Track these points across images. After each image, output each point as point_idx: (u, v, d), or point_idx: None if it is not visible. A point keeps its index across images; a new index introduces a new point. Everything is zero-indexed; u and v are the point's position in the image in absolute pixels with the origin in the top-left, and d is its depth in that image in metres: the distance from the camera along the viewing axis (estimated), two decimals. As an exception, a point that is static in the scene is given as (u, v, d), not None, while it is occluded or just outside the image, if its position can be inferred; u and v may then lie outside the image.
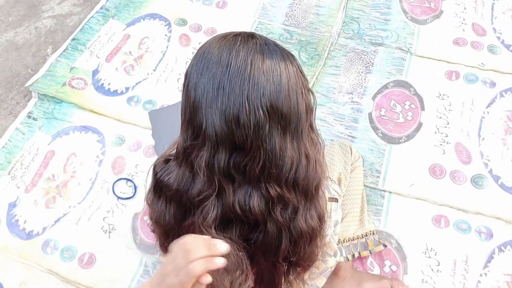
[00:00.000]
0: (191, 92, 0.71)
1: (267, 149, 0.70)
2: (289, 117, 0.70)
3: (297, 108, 0.71)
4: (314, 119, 0.77)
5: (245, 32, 0.73)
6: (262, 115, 0.67)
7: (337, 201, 1.06)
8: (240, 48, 0.69)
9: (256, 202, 0.73)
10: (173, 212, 0.77)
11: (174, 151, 0.80)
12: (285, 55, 0.72)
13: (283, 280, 0.88)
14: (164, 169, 0.79)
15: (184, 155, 0.75)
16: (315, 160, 0.77)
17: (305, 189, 0.76)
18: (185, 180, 0.76)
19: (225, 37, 0.72)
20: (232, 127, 0.68)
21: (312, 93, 0.76)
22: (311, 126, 0.77)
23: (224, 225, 0.76)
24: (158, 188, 0.80)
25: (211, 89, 0.68)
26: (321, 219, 0.82)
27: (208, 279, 0.62)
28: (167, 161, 0.80)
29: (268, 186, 0.73)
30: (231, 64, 0.68)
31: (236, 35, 0.72)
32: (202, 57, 0.71)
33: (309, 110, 0.75)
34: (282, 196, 0.74)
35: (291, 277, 0.88)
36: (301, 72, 0.74)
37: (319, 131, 1.00)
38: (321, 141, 0.80)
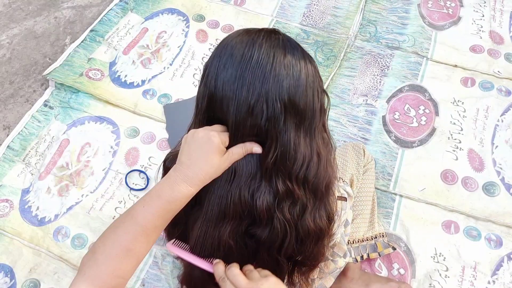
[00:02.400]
0: (211, 82, 0.72)
1: (281, 142, 0.71)
2: (305, 113, 0.72)
3: (313, 105, 0.72)
4: (327, 120, 0.78)
5: (268, 28, 0.74)
6: (279, 107, 0.69)
7: (346, 200, 1.06)
8: (263, 42, 0.70)
9: (264, 196, 0.74)
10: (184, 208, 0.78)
11: None
12: (305, 54, 0.73)
13: (286, 279, 0.88)
14: (174, 162, 0.80)
15: None
16: (326, 160, 0.77)
17: (315, 187, 0.77)
18: None
19: (248, 31, 0.74)
20: (250, 117, 0.70)
21: (327, 95, 0.77)
22: (324, 126, 0.78)
23: (229, 219, 0.76)
24: None
25: (232, 80, 0.69)
26: (330, 218, 0.82)
27: None
28: (177, 155, 0.81)
29: (278, 180, 0.74)
30: (253, 56, 0.69)
31: (260, 30, 0.73)
32: (225, 49, 0.72)
33: (323, 110, 0.76)
34: (292, 192, 0.75)
35: (295, 277, 0.89)
36: (318, 73, 0.75)
37: (332, 132, 1.01)
38: (332, 143, 0.81)
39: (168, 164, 0.82)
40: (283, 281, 0.86)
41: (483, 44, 1.83)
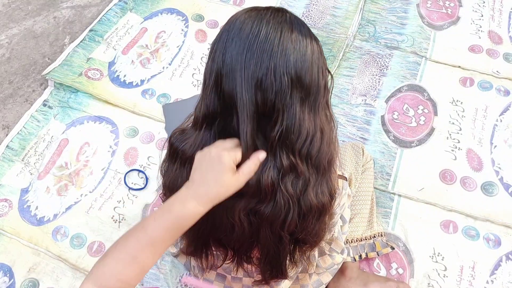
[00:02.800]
0: (219, 56, 0.73)
1: (287, 116, 0.72)
2: (310, 88, 0.73)
3: (317, 81, 0.74)
4: (330, 98, 0.80)
5: (275, 7, 0.76)
6: (286, 81, 0.70)
7: (346, 179, 1.07)
8: (270, 18, 0.72)
9: (269, 171, 0.75)
10: (187, 176, 0.79)
11: (190, 124, 0.82)
12: (311, 32, 0.75)
13: (288, 259, 0.89)
14: (180, 138, 0.81)
15: (204, 122, 0.77)
16: (329, 136, 0.79)
17: (318, 162, 0.78)
18: (202, 144, 0.78)
19: (255, 8, 0.75)
20: (257, 91, 0.71)
21: (330, 73, 0.79)
22: (327, 104, 0.79)
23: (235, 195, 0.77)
24: (174, 154, 0.82)
25: (240, 54, 0.71)
26: (331, 195, 0.83)
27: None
28: (183, 131, 0.82)
29: (282, 155, 0.75)
30: (261, 31, 0.71)
31: (267, 8, 0.75)
32: (233, 24, 0.74)
33: (327, 88, 0.78)
34: (295, 166, 0.76)
35: (297, 256, 0.90)
36: (323, 53, 0.77)
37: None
38: (334, 121, 0.82)
39: (174, 139, 0.83)
40: (284, 258, 0.88)
41: (482, 44, 1.83)
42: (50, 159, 1.55)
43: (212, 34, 1.89)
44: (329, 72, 0.78)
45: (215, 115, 0.76)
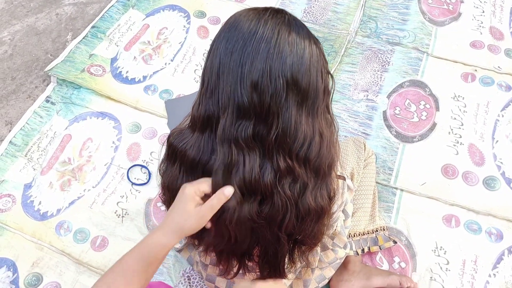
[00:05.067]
0: (216, 57, 0.73)
1: (283, 118, 0.72)
2: (307, 92, 0.73)
3: (316, 85, 0.73)
4: (331, 102, 0.79)
5: (275, 7, 0.76)
6: (281, 84, 0.70)
7: (345, 179, 1.07)
8: (268, 19, 0.72)
9: (267, 172, 0.75)
10: (185, 176, 0.79)
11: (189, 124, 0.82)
12: (311, 34, 0.75)
13: (287, 258, 0.89)
14: (178, 138, 0.81)
15: (201, 122, 0.77)
16: (329, 140, 0.79)
17: (317, 166, 0.78)
18: (201, 146, 0.78)
19: (255, 9, 0.75)
20: (252, 92, 0.70)
21: (332, 77, 0.78)
22: (327, 108, 0.79)
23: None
24: (173, 154, 0.82)
25: (236, 54, 0.71)
26: (331, 198, 0.83)
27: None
28: (181, 131, 0.82)
29: (279, 157, 0.75)
30: (258, 31, 0.70)
31: (266, 8, 0.75)
32: (230, 25, 0.74)
33: (327, 91, 0.77)
34: (292, 169, 0.76)
35: (296, 256, 0.90)
36: (323, 55, 0.76)
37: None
38: (336, 124, 0.82)
39: (172, 139, 0.83)
40: (283, 258, 0.88)
41: (483, 40, 1.83)
42: (53, 155, 1.55)
43: (214, 31, 1.89)
44: (330, 74, 0.77)
45: (212, 118, 0.76)
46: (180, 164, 0.82)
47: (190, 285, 1.30)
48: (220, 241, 0.83)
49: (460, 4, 1.96)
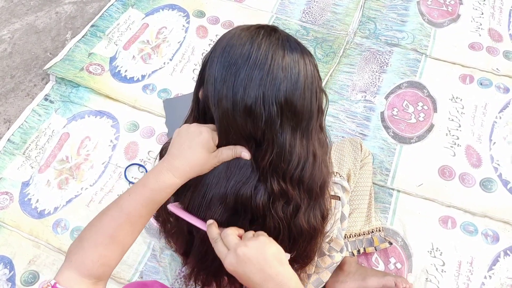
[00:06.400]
0: (208, 78, 0.72)
1: (277, 144, 0.71)
2: (301, 115, 0.71)
3: (310, 107, 0.72)
4: (324, 120, 0.78)
5: (268, 26, 0.73)
6: (275, 110, 0.68)
7: (339, 199, 1.06)
8: (262, 42, 0.69)
9: (260, 194, 0.74)
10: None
11: None
12: (305, 54, 0.72)
13: None
14: None
15: None
16: (322, 160, 0.78)
17: (310, 187, 0.77)
18: None
19: (248, 28, 0.73)
20: (246, 118, 0.69)
21: (325, 94, 0.77)
22: (321, 127, 0.78)
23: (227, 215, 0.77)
24: None
25: (228, 79, 0.69)
26: (324, 218, 0.83)
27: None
28: None
29: (273, 180, 0.74)
30: (251, 56, 0.68)
31: (259, 27, 0.73)
32: (223, 46, 0.71)
33: (321, 110, 0.76)
34: (286, 192, 0.75)
35: None
36: (317, 72, 0.74)
37: (330, 127, 0.98)
38: (329, 142, 0.81)
39: (165, 153, 0.83)
40: None
41: (482, 41, 1.84)
42: (51, 153, 1.56)
43: (213, 30, 1.90)
44: (323, 92, 0.76)
45: None
46: None
47: (186, 284, 1.30)
48: (206, 261, 0.83)
49: (459, 6, 1.96)
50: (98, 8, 2.01)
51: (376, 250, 1.32)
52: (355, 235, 1.31)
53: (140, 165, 1.53)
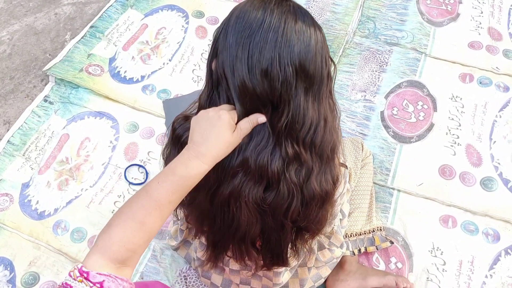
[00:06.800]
0: (222, 46, 0.74)
1: (293, 105, 0.73)
2: (313, 78, 0.74)
3: (321, 70, 0.74)
4: (333, 86, 0.80)
5: None
6: (291, 71, 0.71)
7: (347, 167, 1.07)
8: (274, 7, 0.72)
9: (275, 160, 0.76)
10: None
11: (195, 111, 0.83)
12: (315, 22, 0.75)
13: (289, 246, 0.90)
14: (184, 126, 0.81)
15: None
16: (332, 125, 0.80)
17: (321, 150, 0.79)
18: None
19: None
20: (263, 80, 0.71)
21: (333, 62, 0.79)
22: (330, 92, 0.80)
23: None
24: (177, 141, 0.83)
25: (244, 45, 0.71)
26: (334, 182, 0.84)
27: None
28: (186, 117, 0.82)
29: (287, 144, 0.76)
30: (265, 21, 0.71)
31: None
32: (237, 16, 0.74)
33: (330, 76, 0.78)
34: (299, 155, 0.77)
35: (298, 244, 0.91)
36: (326, 41, 0.77)
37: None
38: (337, 109, 0.83)
39: (177, 125, 0.84)
40: (286, 246, 0.89)
41: (481, 40, 1.84)
42: (51, 154, 1.55)
43: (213, 31, 1.88)
44: (332, 60, 0.78)
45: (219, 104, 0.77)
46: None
47: (186, 285, 1.30)
48: (230, 227, 0.83)
49: (459, 5, 1.96)
50: (97, 9, 2.01)
51: (377, 249, 1.32)
52: (356, 234, 1.31)
53: (140, 166, 1.53)
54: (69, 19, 1.98)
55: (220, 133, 0.73)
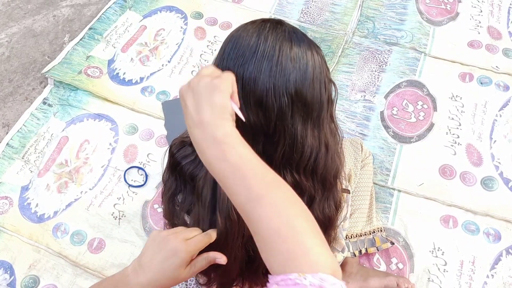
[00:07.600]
0: None
1: (289, 135, 0.71)
2: (312, 105, 0.71)
3: (320, 97, 0.71)
4: (335, 110, 0.78)
5: (274, 19, 0.74)
6: (286, 101, 0.68)
7: (349, 193, 1.06)
8: (268, 34, 0.69)
9: None
10: (185, 189, 0.79)
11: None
12: (312, 45, 0.72)
13: None
14: (181, 152, 0.80)
15: None
16: (334, 150, 0.78)
17: (324, 178, 0.77)
18: (199, 167, 0.77)
19: (253, 22, 0.73)
20: (257, 110, 0.69)
21: (334, 85, 0.77)
22: (331, 117, 0.77)
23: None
24: (174, 167, 0.82)
25: (237, 73, 0.68)
26: (337, 207, 0.83)
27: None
28: (183, 142, 0.81)
29: (286, 173, 0.74)
30: (259, 49, 0.68)
31: (265, 20, 0.72)
32: (231, 41, 0.71)
33: (330, 101, 0.75)
34: (299, 184, 0.75)
35: None
36: (325, 63, 0.74)
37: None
38: (340, 133, 0.81)
39: (174, 150, 0.83)
40: None
41: (481, 39, 1.83)
42: (50, 157, 1.55)
43: (211, 32, 1.89)
44: (332, 83, 0.76)
45: None
46: (181, 179, 0.82)
47: (187, 286, 1.30)
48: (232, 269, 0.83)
49: (458, 4, 1.95)
50: (96, 10, 2.00)
51: (378, 250, 1.31)
52: (356, 236, 1.30)
53: (139, 168, 1.52)
54: (68, 21, 1.97)
55: (170, 270, 0.69)
